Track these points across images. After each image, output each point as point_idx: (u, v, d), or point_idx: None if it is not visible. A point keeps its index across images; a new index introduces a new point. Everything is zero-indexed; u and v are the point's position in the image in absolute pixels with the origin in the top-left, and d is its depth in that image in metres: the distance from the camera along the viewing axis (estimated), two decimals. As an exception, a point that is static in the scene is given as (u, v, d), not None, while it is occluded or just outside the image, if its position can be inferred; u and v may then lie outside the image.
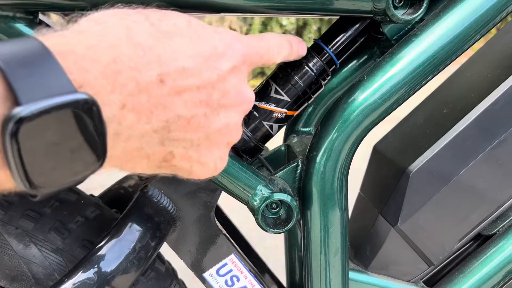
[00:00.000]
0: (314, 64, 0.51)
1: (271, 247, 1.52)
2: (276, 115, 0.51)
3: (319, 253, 0.52)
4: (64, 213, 0.54)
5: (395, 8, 0.45)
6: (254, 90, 0.53)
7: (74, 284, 0.48)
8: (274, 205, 0.50)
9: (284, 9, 0.45)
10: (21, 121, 0.24)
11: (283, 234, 0.62)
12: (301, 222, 0.53)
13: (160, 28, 0.32)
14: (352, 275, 0.59)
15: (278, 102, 0.50)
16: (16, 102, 0.24)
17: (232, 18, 3.70)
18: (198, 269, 0.59)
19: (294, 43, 0.45)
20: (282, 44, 0.43)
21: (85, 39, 0.29)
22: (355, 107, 0.47)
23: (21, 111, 0.24)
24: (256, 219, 0.50)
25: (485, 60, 0.64)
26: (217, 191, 0.56)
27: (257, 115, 0.51)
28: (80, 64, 0.28)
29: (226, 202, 0.69)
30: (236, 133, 0.38)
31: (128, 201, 0.56)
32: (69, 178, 0.27)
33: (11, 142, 0.24)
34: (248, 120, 0.51)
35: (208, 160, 0.36)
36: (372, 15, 0.46)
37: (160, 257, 0.61)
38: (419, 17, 0.45)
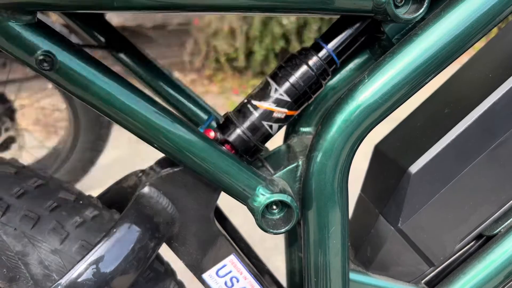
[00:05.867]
0: (315, 63, 0.51)
1: (271, 248, 1.52)
2: (276, 115, 0.50)
3: (319, 254, 0.52)
4: (62, 214, 0.54)
5: (396, 7, 0.44)
6: (254, 90, 0.52)
7: (72, 285, 0.48)
8: (274, 206, 0.50)
9: (284, 9, 0.45)
10: None
11: (283, 234, 0.62)
12: (301, 223, 0.52)
13: None
14: (352, 276, 0.59)
15: (278, 102, 0.50)
16: None
17: (232, 17, 3.70)
18: (198, 270, 0.59)
19: None
20: None
21: None
22: (356, 107, 0.46)
23: None
24: (256, 219, 0.49)
25: (487, 59, 0.64)
26: (216, 191, 0.56)
27: (256, 115, 0.50)
28: None
29: (226, 202, 0.69)
30: None
31: (127, 201, 0.56)
32: None
33: None
34: (247, 120, 0.51)
35: None
36: (373, 14, 0.45)
37: (159, 258, 0.61)
38: (420, 16, 0.45)
